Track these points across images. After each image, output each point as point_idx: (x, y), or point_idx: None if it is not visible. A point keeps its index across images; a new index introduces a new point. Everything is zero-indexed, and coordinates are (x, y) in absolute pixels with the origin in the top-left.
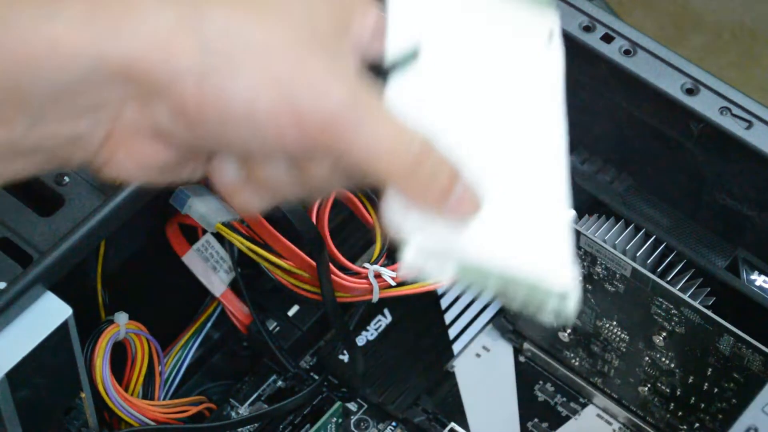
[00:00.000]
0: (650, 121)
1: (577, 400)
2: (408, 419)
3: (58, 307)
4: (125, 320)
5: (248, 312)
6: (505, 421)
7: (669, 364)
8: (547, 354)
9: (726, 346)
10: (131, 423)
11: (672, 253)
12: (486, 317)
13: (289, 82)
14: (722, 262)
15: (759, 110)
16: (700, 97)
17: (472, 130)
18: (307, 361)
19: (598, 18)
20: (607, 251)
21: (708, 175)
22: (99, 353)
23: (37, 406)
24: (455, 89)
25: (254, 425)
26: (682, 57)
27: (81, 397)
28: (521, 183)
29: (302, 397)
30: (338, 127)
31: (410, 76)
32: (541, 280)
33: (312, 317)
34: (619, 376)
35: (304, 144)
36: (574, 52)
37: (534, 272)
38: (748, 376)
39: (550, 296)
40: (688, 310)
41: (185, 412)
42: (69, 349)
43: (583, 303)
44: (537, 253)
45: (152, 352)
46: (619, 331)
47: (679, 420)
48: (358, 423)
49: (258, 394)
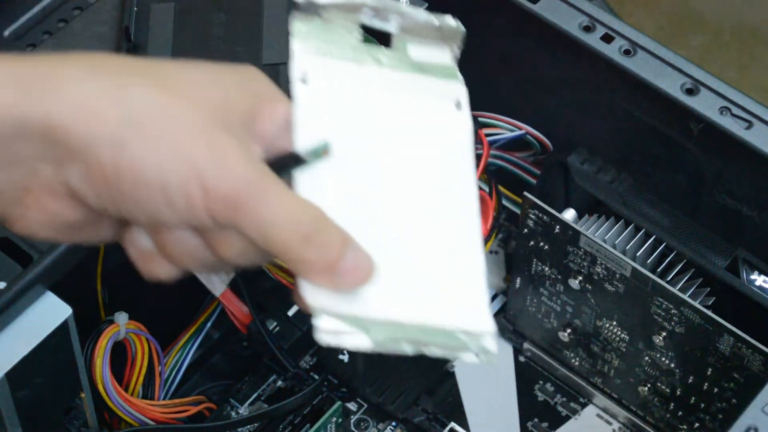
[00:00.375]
0: (650, 121)
1: (577, 400)
2: (408, 419)
3: (58, 307)
4: (125, 320)
5: (248, 312)
6: (505, 421)
7: (669, 364)
8: (547, 354)
9: (726, 346)
10: (131, 423)
11: (672, 253)
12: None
13: (198, 160)
14: (722, 262)
15: (759, 110)
16: (700, 97)
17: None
18: (307, 361)
19: (598, 18)
20: (607, 251)
21: (708, 175)
22: (99, 353)
23: (37, 406)
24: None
25: (254, 425)
26: (682, 57)
27: (81, 397)
28: (429, 240)
29: (302, 397)
30: (240, 202)
31: (319, 166)
32: (455, 324)
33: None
34: (619, 376)
35: (211, 216)
36: (574, 52)
37: (447, 318)
38: (748, 376)
39: (467, 338)
40: (688, 310)
41: (185, 412)
42: (69, 349)
43: (583, 303)
44: (449, 301)
45: (152, 352)
46: (619, 331)
47: (679, 420)
48: (358, 423)
49: (258, 394)
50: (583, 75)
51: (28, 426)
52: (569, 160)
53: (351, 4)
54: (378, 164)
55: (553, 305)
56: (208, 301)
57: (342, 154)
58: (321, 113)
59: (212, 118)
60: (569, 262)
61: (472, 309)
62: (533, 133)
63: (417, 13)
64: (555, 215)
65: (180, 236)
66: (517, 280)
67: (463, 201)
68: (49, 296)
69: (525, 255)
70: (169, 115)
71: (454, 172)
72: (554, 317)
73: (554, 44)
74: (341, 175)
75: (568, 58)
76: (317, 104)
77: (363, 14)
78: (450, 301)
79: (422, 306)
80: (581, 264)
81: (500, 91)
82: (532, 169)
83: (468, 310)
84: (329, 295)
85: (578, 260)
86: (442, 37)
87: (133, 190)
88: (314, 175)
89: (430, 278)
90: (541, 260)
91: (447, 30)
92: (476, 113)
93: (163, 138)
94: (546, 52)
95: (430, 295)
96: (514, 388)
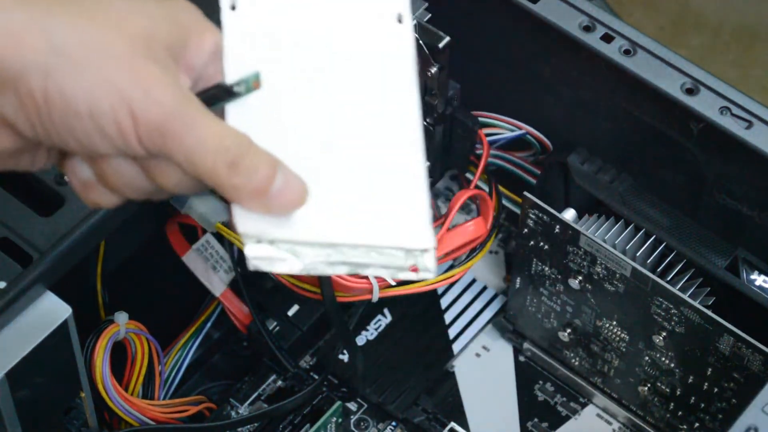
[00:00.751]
0: (650, 121)
1: (577, 399)
2: (408, 419)
3: (58, 306)
4: (125, 320)
5: (248, 312)
6: (505, 421)
7: (669, 363)
8: (547, 354)
9: (726, 346)
10: (131, 423)
11: (672, 253)
12: (486, 317)
13: (125, 87)
14: (722, 262)
15: (759, 110)
16: (700, 97)
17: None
18: (307, 361)
19: (598, 18)
20: (607, 251)
21: (708, 175)
22: (99, 353)
23: (37, 406)
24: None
25: (254, 425)
26: (682, 57)
27: (81, 397)
28: (369, 161)
29: (302, 397)
30: (168, 129)
31: (250, 96)
32: (392, 242)
33: (312, 317)
34: (619, 376)
35: (142, 143)
36: (574, 52)
37: (384, 236)
38: (748, 376)
39: (406, 256)
40: (688, 309)
41: (185, 411)
42: (69, 349)
43: (583, 303)
44: (387, 220)
45: (152, 351)
46: (619, 331)
47: (679, 420)
48: (358, 423)
49: (258, 394)
50: (583, 75)
51: (28, 426)
52: (569, 160)
53: None
54: (314, 87)
55: (553, 305)
56: (208, 301)
57: (275, 81)
58: (252, 40)
59: (138, 47)
60: (569, 262)
61: (412, 226)
62: (533, 133)
63: None
64: (555, 215)
65: (117, 165)
66: (517, 280)
67: (405, 119)
68: (49, 296)
69: (525, 255)
70: (95, 43)
71: (395, 90)
72: (554, 317)
73: (554, 44)
74: (273, 102)
75: (568, 58)
76: (247, 31)
77: None
78: (389, 219)
79: (358, 226)
80: (581, 264)
81: (500, 91)
82: (532, 169)
83: (407, 227)
84: (261, 220)
85: (578, 260)
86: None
87: (63, 118)
88: (245, 104)
89: (369, 198)
90: (541, 260)
91: None
92: (476, 113)
93: (90, 67)
94: (546, 52)
95: (367, 215)
96: (514, 388)
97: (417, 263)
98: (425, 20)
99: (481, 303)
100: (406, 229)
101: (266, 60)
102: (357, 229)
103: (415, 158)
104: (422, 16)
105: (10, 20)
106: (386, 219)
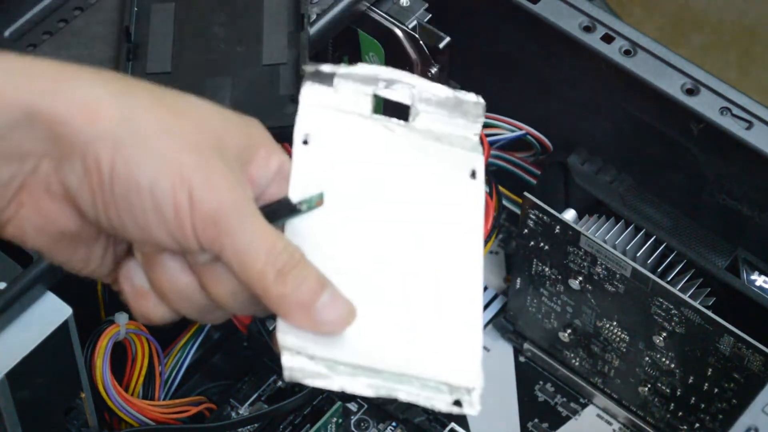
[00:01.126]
0: (650, 121)
1: (577, 400)
2: (408, 419)
3: (58, 307)
4: (125, 320)
5: None
6: (505, 421)
7: (669, 364)
8: (547, 354)
9: (726, 346)
10: (131, 423)
11: (672, 253)
12: (486, 317)
13: (189, 169)
14: (722, 262)
15: (759, 110)
16: (700, 97)
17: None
18: None
19: (598, 18)
20: (607, 251)
21: (708, 175)
22: (99, 353)
23: (37, 406)
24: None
25: (254, 425)
26: (682, 57)
27: (81, 397)
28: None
29: (302, 397)
30: (223, 221)
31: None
32: (438, 376)
33: None
34: (619, 376)
35: (195, 232)
36: (574, 52)
37: (430, 369)
38: (748, 376)
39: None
40: (688, 310)
41: (185, 412)
42: (69, 349)
43: (583, 303)
44: (436, 352)
45: (152, 352)
46: (619, 331)
47: (679, 420)
48: (358, 423)
49: (258, 394)
50: (583, 75)
51: (28, 426)
52: (569, 160)
53: (365, 75)
54: (376, 216)
55: (554, 305)
56: None
57: (338, 206)
58: (319, 169)
59: (209, 142)
60: (569, 263)
61: (462, 363)
62: (533, 133)
63: (435, 88)
64: (555, 215)
65: (172, 269)
66: (517, 280)
67: (467, 260)
68: (49, 296)
69: (525, 255)
70: (169, 126)
71: (460, 234)
72: (554, 317)
73: (554, 44)
74: (332, 224)
75: (568, 58)
76: (316, 161)
77: (377, 86)
78: (437, 351)
79: (404, 354)
80: (581, 264)
81: (500, 91)
82: (532, 169)
83: (456, 363)
84: (304, 335)
85: (578, 260)
86: (462, 111)
87: (124, 192)
88: (303, 221)
89: (419, 327)
90: (541, 260)
91: (467, 105)
92: None
93: (159, 145)
94: (546, 52)
95: (415, 345)
96: (514, 389)
97: (462, 399)
98: (425, 20)
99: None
100: (454, 364)
101: (332, 187)
102: (402, 358)
103: (473, 299)
104: (422, 16)
105: (89, 92)
106: (435, 351)
